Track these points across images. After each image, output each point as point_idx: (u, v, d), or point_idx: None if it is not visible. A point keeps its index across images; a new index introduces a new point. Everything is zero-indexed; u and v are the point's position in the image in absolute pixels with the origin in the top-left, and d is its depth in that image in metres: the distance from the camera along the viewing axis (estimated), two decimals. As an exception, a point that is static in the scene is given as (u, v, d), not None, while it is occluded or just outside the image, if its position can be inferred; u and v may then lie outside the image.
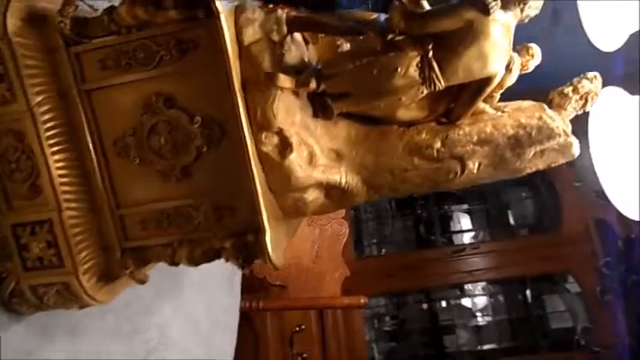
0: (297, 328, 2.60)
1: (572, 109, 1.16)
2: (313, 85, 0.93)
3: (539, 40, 1.18)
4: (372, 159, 1.05)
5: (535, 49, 1.29)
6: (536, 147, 1.03)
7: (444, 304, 3.53)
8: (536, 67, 1.20)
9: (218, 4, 0.88)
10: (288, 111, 0.95)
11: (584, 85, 1.15)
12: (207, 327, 1.53)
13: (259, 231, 0.94)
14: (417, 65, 0.92)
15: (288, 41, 1.02)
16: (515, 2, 0.95)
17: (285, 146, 0.96)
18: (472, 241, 3.63)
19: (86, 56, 0.95)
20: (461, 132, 1.04)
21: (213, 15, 0.88)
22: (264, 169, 0.96)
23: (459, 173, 1.04)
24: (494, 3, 0.89)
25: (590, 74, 1.17)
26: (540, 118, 1.03)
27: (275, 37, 0.99)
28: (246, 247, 0.95)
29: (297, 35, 1.05)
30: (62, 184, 0.95)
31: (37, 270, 0.96)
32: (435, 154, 1.03)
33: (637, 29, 1.30)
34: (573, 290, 3.28)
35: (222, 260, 0.98)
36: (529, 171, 1.06)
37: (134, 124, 0.96)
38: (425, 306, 3.48)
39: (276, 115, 0.93)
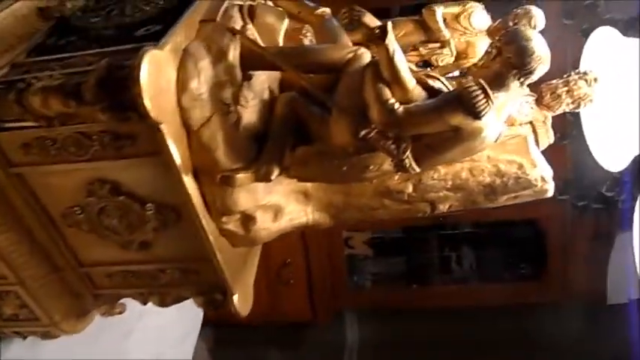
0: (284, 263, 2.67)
1: (561, 111, 1.07)
2: (275, 175, 0.83)
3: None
4: (341, 198, 1.00)
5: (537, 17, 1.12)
6: (511, 195, 0.99)
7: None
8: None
9: (147, 102, 0.71)
10: (250, 190, 0.87)
11: (580, 87, 1.04)
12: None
13: (226, 292, 0.96)
14: (391, 162, 0.81)
15: (245, 90, 0.86)
16: (515, 77, 0.79)
17: (248, 221, 0.91)
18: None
19: (5, 141, 0.81)
20: (435, 175, 0.97)
21: (147, 118, 0.73)
22: (228, 239, 0.92)
23: (427, 213, 1.02)
24: (484, 105, 0.74)
25: (591, 75, 1.04)
26: (520, 167, 0.96)
27: (228, 94, 0.84)
28: (215, 303, 0.99)
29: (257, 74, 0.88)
30: (15, 260, 0.91)
31: (15, 321, 1.00)
32: (406, 198, 0.99)
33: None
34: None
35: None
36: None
37: (80, 203, 0.88)
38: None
39: (237, 202, 0.86)
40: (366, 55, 0.85)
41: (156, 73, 0.72)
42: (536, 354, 2.73)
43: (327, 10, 1.06)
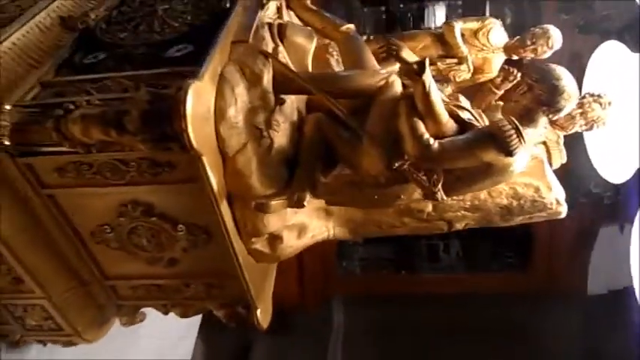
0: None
1: (573, 131, 1.10)
2: (307, 201, 0.85)
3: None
4: (361, 215, 1.03)
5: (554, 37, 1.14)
6: (526, 216, 1.02)
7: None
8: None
9: (192, 136, 0.72)
10: (280, 213, 0.89)
11: (594, 110, 1.07)
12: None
13: (249, 306, 0.99)
14: (421, 192, 0.83)
15: (277, 114, 0.87)
16: (544, 113, 0.82)
17: (275, 240, 0.93)
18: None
19: (38, 164, 0.81)
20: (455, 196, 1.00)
21: (191, 150, 0.74)
22: (253, 257, 0.94)
23: (444, 231, 1.05)
24: (516, 143, 0.77)
25: (605, 98, 1.07)
26: (537, 190, 1.00)
27: (261, 119, 0.85)
28: (238, 316, 1.01)
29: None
30: (43, 276, 0.92)
31: (38, 331, 1.01)
32: (425, 217, 1.02)
33: None
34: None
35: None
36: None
37: (111, 222, 0.88)
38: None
39: (267, 225, 0.88)
40: (397, 83, 0.86)
41: (198, 105, 0.73)
42: (523, 341, 2.82)
43: (352, 26, 1.06)
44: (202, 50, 0.86)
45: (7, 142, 0.76)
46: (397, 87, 0.86)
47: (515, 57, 1.26)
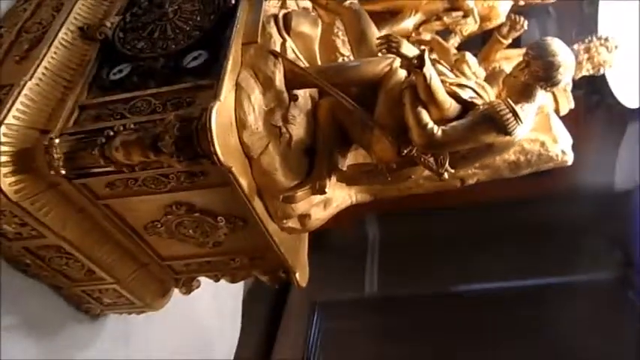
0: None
1: (580, 75, 1.15)
2: (328, 187, 0.95)
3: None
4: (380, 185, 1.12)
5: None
6: (533, 168, 1.09)
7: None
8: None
9: (219, 154, 0.81)
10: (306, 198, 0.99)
11: (601, 54, 1.11)
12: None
13: (289, 271, 1.13)
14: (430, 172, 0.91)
15: (292, 109, 0.95)
16: (541, 87, 0.87)
17: (304, 218, 1.04)
18: None
19: (92, 183, 0.92)
20: (465, 156, 1.08)
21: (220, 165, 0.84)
22: (286, 232, 1.06)
23: (458, 187, 1.14)
24: (514, 123, 0.83)
25: (612, 41, 1.10)
26: (543, 144, 1.06)
27: (278, 117, 0.93)
28: (280, 279, 1.16)
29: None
30: (110, 265, 1.07)
31: (114, 306, 1.19)
32: (439, 178, 1.10)
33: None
34: None
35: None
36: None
37: (159, 219, 1.01)
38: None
39: (296, 210, 0.99)
40: (400, 70, 0.92)
41: (221, 123, 0.82)
42: (549, 238, 2.94)
43: (355, 0, 1.09)
44: (216, 55, 0.93)
45: (63, 172, 0.87)
46: (401, 74, 0.92)
47: (521, 2, 1.26)
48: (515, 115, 0.83)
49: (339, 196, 1.10)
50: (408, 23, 1.24)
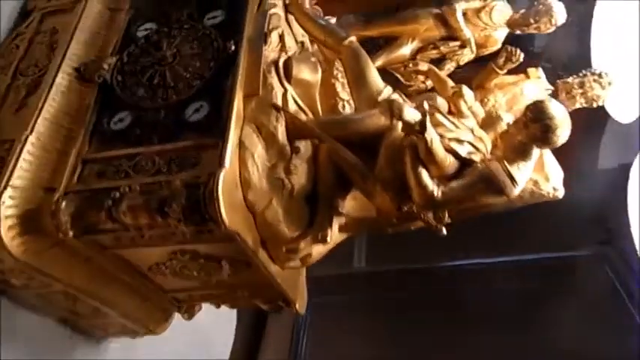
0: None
1: (572, 108, 1.18)
2: (330, 237, 0.97)
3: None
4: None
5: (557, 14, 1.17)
6: (525, 204, 1.13)
7: None
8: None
9: (226, 219, 0.84)
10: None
11: (594, 89, 1.14)
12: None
13: (289, 302, 1.17)
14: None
15: (293, 160, 0.97)
16: (538, 147, 0.90)
17: (305, 257, 1.07)
18: None
19: (99, 238, 0.93)
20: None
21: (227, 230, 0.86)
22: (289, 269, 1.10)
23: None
24: (510, 185, 0.88)
25: (605, 78, 1.13)
26: (535, 183, 1.09)
27: (280, 170, 0.95)
28: (280, 308, 1.20)
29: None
30: (118, 305, 1.10)
31: (120, 334, 1.23)
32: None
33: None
34: None
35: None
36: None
37: (164, 262, 1.03)
38: None
39: (298, 253, 1.02)
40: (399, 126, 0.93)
41: (227, 187, 0.84)
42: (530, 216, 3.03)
43: (353, 39, 1.09)
44: (218, 107, 0.94)
45: (71, 233, 0.88)
46: (399, 129, 0.93)
47: (518, 32, 1.27)
48: (512, 178, 0.86)
49: (337, 233, 1.13)
50: (405, 50, 1.25)
